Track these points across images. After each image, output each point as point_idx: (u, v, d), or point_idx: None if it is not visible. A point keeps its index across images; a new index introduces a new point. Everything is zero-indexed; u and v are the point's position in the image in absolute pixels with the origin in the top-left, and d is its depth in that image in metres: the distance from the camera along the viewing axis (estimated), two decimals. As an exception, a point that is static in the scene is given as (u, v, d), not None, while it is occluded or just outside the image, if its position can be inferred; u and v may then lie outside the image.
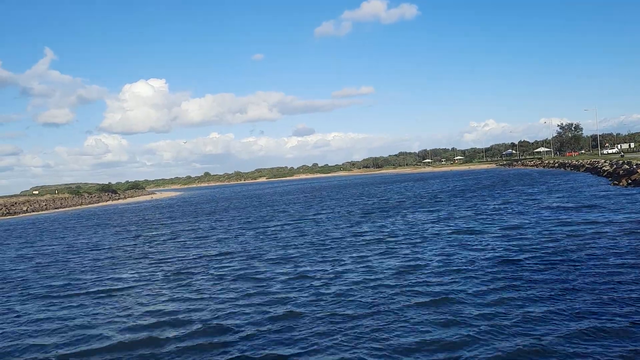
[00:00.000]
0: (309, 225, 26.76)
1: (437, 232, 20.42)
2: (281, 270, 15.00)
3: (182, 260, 18.68)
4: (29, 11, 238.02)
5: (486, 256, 14.68)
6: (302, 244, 19.94)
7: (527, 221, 21.19)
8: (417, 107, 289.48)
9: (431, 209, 30.61)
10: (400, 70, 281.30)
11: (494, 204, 29.82)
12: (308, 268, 15.03)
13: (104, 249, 24.18)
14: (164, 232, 30.27)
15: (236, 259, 17.81)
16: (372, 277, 13.19)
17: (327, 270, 14.47)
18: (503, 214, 24.47)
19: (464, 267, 13.44)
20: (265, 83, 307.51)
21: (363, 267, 14.56)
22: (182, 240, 25.11)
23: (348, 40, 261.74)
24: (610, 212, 21.54)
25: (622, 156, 63.76)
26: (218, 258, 18.34)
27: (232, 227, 29.34)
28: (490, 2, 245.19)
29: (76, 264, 20.01)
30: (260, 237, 23.59)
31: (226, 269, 15.97)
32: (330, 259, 16.31)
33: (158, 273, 16.42)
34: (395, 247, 17.63)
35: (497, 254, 14.80)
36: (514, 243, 16.39)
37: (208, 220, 36.44)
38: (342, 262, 15.53)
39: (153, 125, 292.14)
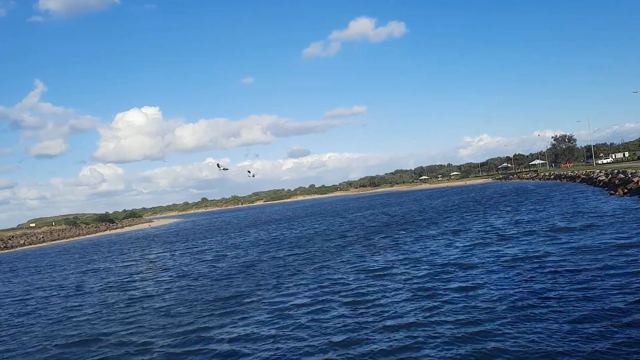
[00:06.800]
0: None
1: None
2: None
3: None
4: (17, 44, 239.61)
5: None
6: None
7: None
8: (411, 125, 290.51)
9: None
10: (392, 88, 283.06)
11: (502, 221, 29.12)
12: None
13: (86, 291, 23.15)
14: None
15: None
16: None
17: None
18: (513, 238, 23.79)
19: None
20: (258, 106, 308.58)
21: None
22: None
23: (337, 60, 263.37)
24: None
25: None
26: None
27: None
28: (478, 17, 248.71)
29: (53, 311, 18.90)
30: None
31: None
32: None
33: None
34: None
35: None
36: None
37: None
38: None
39: (147, 153, 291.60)
